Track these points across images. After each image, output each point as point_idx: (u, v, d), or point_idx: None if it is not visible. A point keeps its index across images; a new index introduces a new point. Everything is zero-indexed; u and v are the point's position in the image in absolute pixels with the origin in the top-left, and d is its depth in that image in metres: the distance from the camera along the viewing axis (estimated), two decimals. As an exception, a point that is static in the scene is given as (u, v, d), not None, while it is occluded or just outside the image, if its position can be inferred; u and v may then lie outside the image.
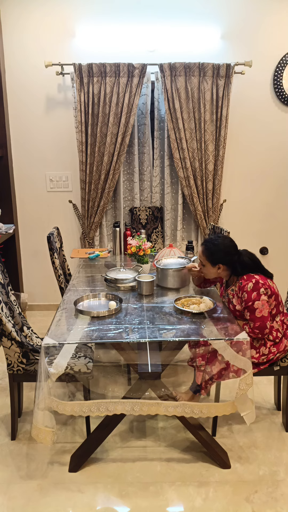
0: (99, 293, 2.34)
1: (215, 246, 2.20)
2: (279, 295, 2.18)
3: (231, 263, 2.19)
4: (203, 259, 2.23)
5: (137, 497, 1.92)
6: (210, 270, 2.23)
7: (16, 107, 3.59)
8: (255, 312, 2.08)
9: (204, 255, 2.23)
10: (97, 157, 3.50)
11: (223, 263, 2.19)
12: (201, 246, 2.26)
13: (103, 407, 1.93)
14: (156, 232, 3.77)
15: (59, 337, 1.89)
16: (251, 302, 2.08)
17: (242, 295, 2.11)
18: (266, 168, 3.82)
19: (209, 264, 2.21)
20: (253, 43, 3.53)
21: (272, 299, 2.14)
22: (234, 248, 2.22)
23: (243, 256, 2.19)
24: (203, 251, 2.23)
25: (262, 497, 1.91)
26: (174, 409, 1.96)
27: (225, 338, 1.90)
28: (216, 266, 2.20)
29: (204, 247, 2.23)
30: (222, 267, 2.20)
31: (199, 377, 2.14)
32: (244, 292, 2.10)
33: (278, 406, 2.52)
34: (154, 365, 2.04)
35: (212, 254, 2.20)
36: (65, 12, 3.41)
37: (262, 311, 2.07)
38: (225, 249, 2.20)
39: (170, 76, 3.37)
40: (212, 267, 2.21)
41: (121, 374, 2.73)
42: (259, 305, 2.07)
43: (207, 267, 2.23)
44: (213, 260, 2.20)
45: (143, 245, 2.68)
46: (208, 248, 2.21)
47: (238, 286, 2.16)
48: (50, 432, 1.90)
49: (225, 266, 2.20)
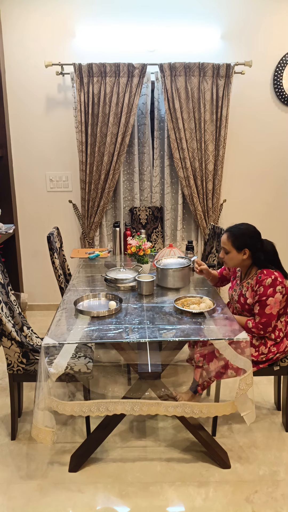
0: (99, 293, 2.34)
1: (240, 231, 2.16)
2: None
3: (256, 250, 2.15)
4: (228, 245, 2.17)
5: (137, 497, 1.92)
6: (235, 257, 2.17)
7: (16, 107, 3.59)
8: (265, 308, 2.07)
9: (229, 240, 2.16)
10: (97, 157, 3.50)
11: (249, 247, 2.14)
12: (224, 234, 2.20)
13: (103, 407, 1.93)
14: (156, 232, 3.77)
15: (59, 337, 1.89)
16: (265, 297, 2.07)
17: (258, 288, 2.09)
18: (266, 168, 3.82)
19: (235, 250, 2.15)
20: (253, 43, 3.53)
21: (284, 299, 2.12)
22: (258, 234, 2.17)
23: (266, 245, 2.17)
24: (228, 237, 2.17)
25: (262, 497, 1.91)
26: (174, 409, 1.96)
27: (225, 338, 1.90)
28: (242, 251, 2.14)
29: (228, 233, 2.17)
30: (248, 252, 2.14)
31: (197, 373, 2.14)
32: (261, 286, 2.08)
33: (278, 406, 2.52)
34: (154, 365, 2.04)
35: (237, 238, 2.14)
36: (65, 12, 3.41)
37: (272, 308, 2.07)
38: (251, 233, 2.16)
39: (170, 76, 3.37)
40: (237, 253, 2.15)
41: (121, 374, 2.73)
42: (271, 302, 2.06)
43: (232, 253, 2.17)
44: (239, 245, 2.14)
45: (143, 245, 2.67)
46: (233, 233, 2.16)
47: (256, 279, 2.13)
48: (50, 432, 1.90)
49: (250, 253, 2.15)
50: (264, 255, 2.16)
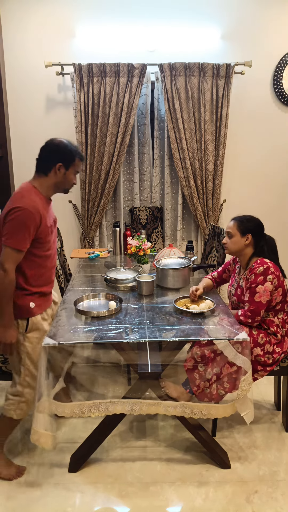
0: (99, 293, 2.34)
1: (246, 217, 2.23)
2: (287, 292, 2.18)
3: (259, 239, 2.20)
4: (232, 229, 2.22)
5: (137, 497, 1.92)
6: (238, 241, 2.21)
7: (16, 107, 3.59)
8: (254, 296, 2.09)
9: (234, 224, 2.22)
10: (97, 157, 3.50)
11: (253, 233, 2.19)
12: (231, 221, 2.26)
13: (103, 407, 1.93)
14: (156, 232, 3.77)
15: (59, 337, 1.89)
16: (255, 284, 2.09)
17: (250, 276, 2.12)
18: (266, 168, 3.82)
19: (239, 234, 2.20)
20: (253, 43, 3.53)
21: (279, 293, 2.13)
22: (263, 226, 2.24)
23: (268, 239, 2.24)
24: (234, 222, 2.23)
25: (262, 497, 1.91)
26: (174, 409, 1.96)
27: (225, 338, 1.90)
28: (245, 236, 2.19)
29: (234, 219, 2.25)
30: (250, 239, 2.19)
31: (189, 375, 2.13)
32: (252, 274, 2.11)
33: (278, 406, 2.52)
34: (154, 365, 2.04)
35: (242, 223, 2.21)
36: (65, 12, 3.41)
37: (261, 297, 2.08)
38: (256, 221, 2.23)
39: (170, 76, 3.37)
40: (241, 237, 2.20)
41: (121, 374, 2.73)
42: (260, 290, 2.08)
43: (235, 237, 2.21)
44: (244, 229, 2.19)
45: (143, 245, 2.68)
46: (239, 218, 2.24)
47: (249, 268, 2.16)
48: (51, 436, 1.89)
49: (252, 240, 2.19)
50: (267, 247, 2.20)
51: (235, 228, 2.22)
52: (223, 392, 2.01)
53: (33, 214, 1.85)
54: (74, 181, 2.04)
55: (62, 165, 1.96)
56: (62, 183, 2.01)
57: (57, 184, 2.01)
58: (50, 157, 1.98)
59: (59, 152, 1.97)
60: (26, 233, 1.84)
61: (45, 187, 1.98)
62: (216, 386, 2.02)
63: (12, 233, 1.82)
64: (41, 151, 2.03)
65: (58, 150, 1.98)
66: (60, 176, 1.98)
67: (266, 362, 2.13)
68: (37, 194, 1.94)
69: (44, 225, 1.93)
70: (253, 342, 2.12)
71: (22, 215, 1.82)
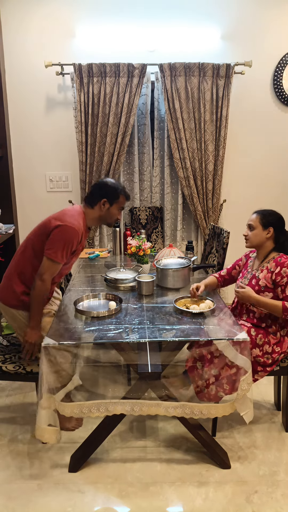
0: (99, 293, 2.34)
1: (268, 211, 2.25)
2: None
3: (280, 233, 2.21)
4: (255, 222, 2.22)
5: (137, 497, 1.92)
6: (260, 234, 2.21)
7: (16, 107, 3.58)
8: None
9: (257, 217, 2.23)
10: (97, 157, 3.50)
11: (274, 227, 2.20)
12: (253, 214, 2.27)
13: (103, 408, 1.93)
14: (156, 232, 3.77)
15: (59, 337, 1.89)
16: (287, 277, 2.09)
17: (282, 270, 2.11)
18: (266, 168, 3.82)
19: (260, 227, 2.20)
20: (253, 43, 3.53)
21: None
22: (284, 222, 2.24)
23: None
24: (256, 215, 2.24)
25: (262, 497, 1.91)
26: (174, 409, 1.96)
27: (225, 338, 1.90)
28: (266, 229, 2.20)
29: (257, 212, 2.26)
30: (271, 232, 2.20)
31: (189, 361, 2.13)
32: (285, 268, 2.11)
33: (278, 406, 2.52)
34: (154, 365, 2.04)
35: (265, 216, 2.22)
36: (65, 12, 3.41)
37: None
38: (278, 216, 2.24)
39: (170, 76, 3.37)
40: (263, 230, 2.20)
41: (121, 374, 2.73)
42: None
43: (257, 230, 2.21)
44: (266, 222, 2.20)
45: (143, 245, 2.68)
46: (261, 211, 2.24)
47: (275, 261, 2.16)
48: (55, 431, 1.91)
49: (273, 234, 2.20)
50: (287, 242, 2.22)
51: (257, 221, 2.22)
52: (223, 394, 2.01)
53: (78, 235, 2.06)
54: (117, 216, 2.25)
55: (107, 200, 2.16)
56: (105, 217, 2.22)
57: (101, 218, 2.22)
58: (97, 192, 2.18)
59: (105, 189, 2.18)
60: (69, 249, 2.05)
61: (90, 218, 2.20)
62: (215, 388, 2.02)
63: (57, 248, 2.01)
64: (92, 187, 2.26)
65: (105, 187, 2.18)
66: (104, 211, 2.18)
67: (266, 362, 2.13)
68: (83, 219, 2.15)
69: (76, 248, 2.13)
70: (252, 343, 2.11)
71: (71, 233, 2.02)
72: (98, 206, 2.17)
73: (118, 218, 2.25)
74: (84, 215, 2.17)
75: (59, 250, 2.01)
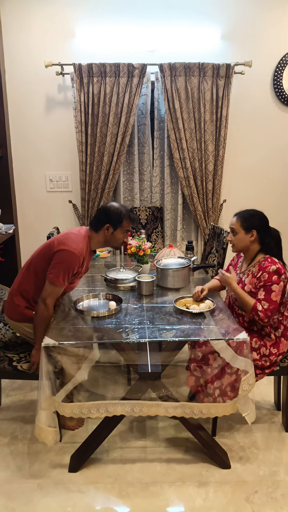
0: (99, 293, 2.35)
1: (249, 212, 2.19)
2: (285, 293, 2.17)
3: (264, 234, 2.16)
4: (236, 226, 2.18)
5: (137, 497, 1.92)
6: (243, 238, 2.17)
7: (16, 107, 3.58)
8: (271, 294, 2.04)
9: (238, 221, 2.18)
10: (97, 157, 3.50)
11: (257, 229, 2.15)
12: (233, 217, 2.23)
13: (102, 408, 1.93)
14: (156, 232, 3.77)
15: (59, 337, 1.89)
16: (271, 283, 2.05)
17: (262, 275, 2.07)
18: (266, 168, 3.82)
19: (242, 231, 2.16)
20: (253, 43, 3.53)
21: None
22: (267, 219, 2.20)
23: (273, 231, 2.20)
24: (237, 218, 2.19)
25: (262, 497, 1.91)
26: (174, 409, 1.96)
27: (225, 338, 1.90)
28: (250, 233, 2.16)
29: (237, 215, 2.20)
30: (255, 235, 2.15)
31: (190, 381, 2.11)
32: (265, 273, 2.07)
33: (278, 406, 2.52)
34: (154, 366, 2.04)
35: (246, 219, 2.16)
36: (65, 12, 3.41)
37: (277, 296, 2.05)
38: (260, 216, 2.19)
39: (170, 76, 3.37)
40: (245, 234, 2.16)
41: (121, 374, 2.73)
42: (276, 289, 2.04)
43: (240, 234, 2.17)
44: (248, 226, 2.15)
45: (143, 245, 2.68)
46: (242, 214, 2.19)
47: (259, 266, 2.12)
48: (52, 432, 1.91)
49: (257, 236, 2.16)
50: (273, 241, 2.18)
51: (238, 225, 2.17)
52: (229, 400, 1.99)
53: (80, 260, 2.10)
54: (124, 240, 2.27)
55: (110, 226, 2.18)
56: (110, 241, 2.24)
57: (106, 242, 2.24)
58: (101, 217, 2.21)
59: (108, 215, 2.20)
60: (70, 274, 2.08)
61: (95, 242, 2.23)
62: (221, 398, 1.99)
63: (59, 272, 2.04)
64: (97, 211, 2.31)
65: (108, 213, 2.20)
66: (108, 235, 2.21)
67: (264, 365, 2.13)
68: (87, 243, 2.19)
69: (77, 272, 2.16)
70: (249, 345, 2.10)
71: (72, 258, 2.06)
72: (102, 231, 2.20)
73: (125, 241, 2.26)
74: (89, 238, 2.20)
75: (60, 274, 2.04)
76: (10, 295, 2.25)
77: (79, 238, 2.14)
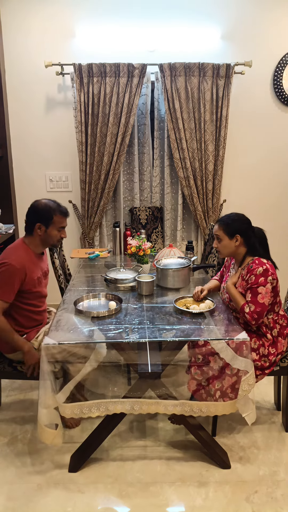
0: (99, 293, 2.34)
1: (230, 217, 2.19)
2: (278, 292, 2.17)
3: (248, 236, 2.16)
4: (220, 233, 2.18)
5: (137, 497, 1.92)
6: (228, 244, 2.17)
7: (16, 107, 3.59)
8: (257, 296, 2.04)
9: (220, 228, 2.18)
10: (97, 157, 3.50)
11: (240, 233, 2.15)
12: (215, 224, 2.22)
13: (103, 407, 1.93)
14: (156, 232, 3.77)
15: (59, 337, 1.89)
16: (257, 285, 2.05)
17: (250, 277, 2.08)
18: (266, 168, 3.82)
19: (226, 237, 2.16)
20: (253, 43, 3.53)
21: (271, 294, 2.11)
22: (248, 221, 2.19)
23: (257, 231, 2.20)
24: (219, 225, 2.19)
25: (262, 497, 1.91)
26: (174, 407, 1.96)
27: (225, 338, 1.90)
28: (233, 238, 2.15)
29: (219, 222, 2.20)
30: (239, 239, 2.15)
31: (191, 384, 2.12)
32: (252, 275, 2.06)
33: (278, 406, 2.52)
34: (154, 365, 2.04)
35: (227, 225, 2.16)
36: (65, 12, 3.41)
37: (264, 298, 2.04)
38: (241, 220, 2.18)
39: (170, 76, 3.37)
40: (229, 240, 2.16)
41: (121, 374, 2.73)
42: (263, 291, 2.04)
43: (224, 241, 2.17)
44: (230, 231, 2.15)
45: (143, 245, 2.68)
46: (223, 221, 2.18)
47: (247, 268, 2.12)
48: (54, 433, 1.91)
49: (242, 239, 2.15)
50: (258, 242, 2.17)
51: (222, 232, 2.17)
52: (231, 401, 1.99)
53: (18, 269, 2.04)
54: (61, 236, 2.21)
55: (41, 224, 2.13)
56: (46, 240, 2.19)
57: (43, 241, 2.19)
58: (30, 218, 2.16)
59: (37, 213, 2.15)
60: (10, 286, 2.04)
61: (34, 244, 2.19)
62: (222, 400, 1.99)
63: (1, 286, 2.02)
64: (26, 213, 2.20)
65: (37, 211, 2.15)
66: (42, 234, 2.16)
67: (264, 365, 2.13)
68: (25, 250, 2.14)
69: (30, 278, 2.12)
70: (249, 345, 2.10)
71: (8, 270, 2.02)
72: (35, 232, 2.16)
73: (62, 236, 2.22)
74: (27, 244, 2.18)
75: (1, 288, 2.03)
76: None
77: (15, 249, 2.12)
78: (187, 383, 2.13)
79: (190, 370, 2.13)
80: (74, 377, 2.03)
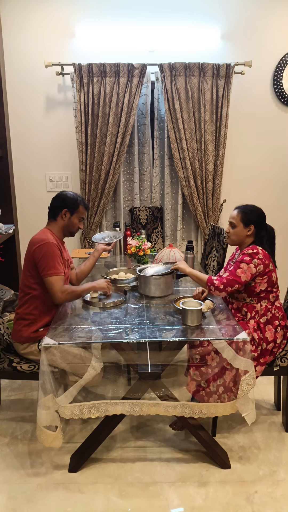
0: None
1: (250, 207, 2.27)
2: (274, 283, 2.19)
3: (260, 230, 2.24)
4: (236, 220, 2.25)
5: (137, 497, 1.92)
6: (240, 232, 2.25)
7: (16, 107, 3.58)
8: (236, 270, 2.12)
9: (238, 215, 2.26)
10: (97, 157, 3.50)
11: (255, 224, 2.23)
12: (234, 210, 2.30)
13: (103, 408, 1.93)
14: (156, 232, 3.77)
15: (59, 337, 1.89)
16: (241, 260, 2.14)
17: (239, 257, 2.18)
18: (266, 168, 3.82)
19: (241, 225, 2.24)
20: (253, 43, 3.53)
21: (263, 281, 2.16)
22: (265, 216, 2.28)
23: (269, 229, 2.29)
24: (238, 212, 2.27)
25: (262, 497, 1.91)
26: (174, 409, 1.96)
27: (225, 338, 1.90)
28: (248, 227, 2.23)
29: (238, 209, 2.28)
30: (252, 229, 2.23)
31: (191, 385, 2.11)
32: (242, 254, 2.17)
33: (278, 406, 2.52)
34: (154, 365, 2.04)
35: (246, 213, 2.24)
36: (65, 12, 3.41)
37: (242, 274, 2.11)
38: (259, 212, 2.27)
39: (170, 76, 3.37)
40: (243, 228, 2.24)
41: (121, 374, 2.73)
42: (244, 267, 2.12)
43: (238, 228, 2.25)
44: (247, 220, 2.23)
45: (143, 245, 2.68)
46: (243, 209, 2.27)
47: (242, 252, 2.21)
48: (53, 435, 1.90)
49: (254, 231, 2.24)
50: (267, 236, 2.25)
51: (238, 219, 2.25)
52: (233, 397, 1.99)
53: (56, 245, 2.19)
54: (79, 226, 2.35)
55: (67, 210, 2.28)
56: (68, 226, 2.32)
57: (64, 227, 2.32)
58: (58, 204, 2.30)
59: (65, 201, 2.29)
60: (58, 259, 2.17)
61: (56, 231, 2.31)
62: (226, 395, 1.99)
63: (47, 264, 2.12)
64: (52, 200, 2.33)
65: (65, 199, 2.30)
66: (66, 220, 2.30)
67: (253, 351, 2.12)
68: (51, 234, 2.28)
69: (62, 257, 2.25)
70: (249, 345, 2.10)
71: (50, 246, 2.15)
72: (60, 217, 2.29)
73: (80, 227, 2.36)
74: (50, 230, 2.29)
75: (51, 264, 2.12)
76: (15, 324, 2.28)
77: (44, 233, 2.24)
78: (186, 384, 2.13)
79: (189, 372, 2.13)
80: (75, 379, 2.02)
